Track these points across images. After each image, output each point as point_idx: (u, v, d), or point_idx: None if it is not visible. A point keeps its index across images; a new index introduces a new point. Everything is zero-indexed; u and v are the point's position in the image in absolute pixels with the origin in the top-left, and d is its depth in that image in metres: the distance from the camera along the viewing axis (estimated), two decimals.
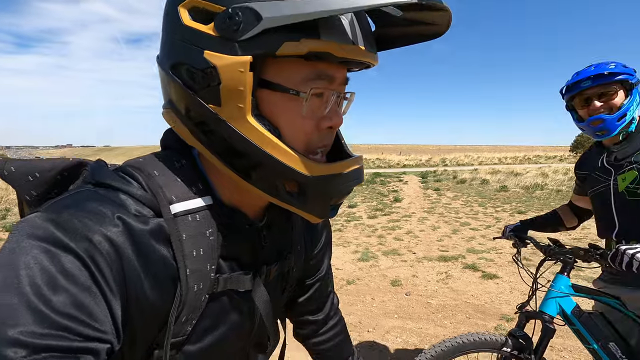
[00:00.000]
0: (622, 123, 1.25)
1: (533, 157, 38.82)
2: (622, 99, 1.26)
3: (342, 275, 4.02)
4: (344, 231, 6.17)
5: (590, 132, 1.31)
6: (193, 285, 0.43)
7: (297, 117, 0.42)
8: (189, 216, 0.43)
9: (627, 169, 1.27)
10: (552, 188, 10.28)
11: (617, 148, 1.32)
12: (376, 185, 12.20)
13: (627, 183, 1.26)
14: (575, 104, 1.33)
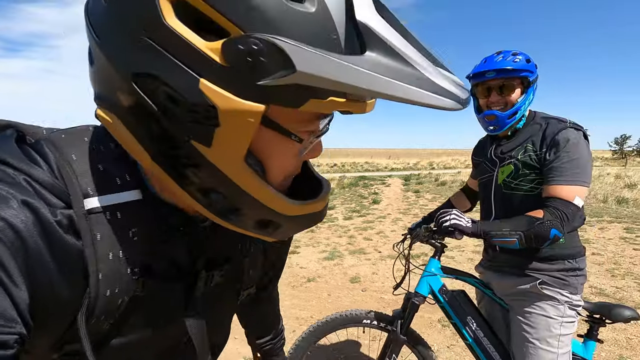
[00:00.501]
0: (513, 120, 1.30)
1: None
2: (519, 95, 1.29)
3: (304, 273, 4.12)
4: (316, 232, 6.27)
5: (484, 126, 1.37)
6: (105, 290, 0.38)
7: (290, 158, 0.40)
8: (107, 213, 0.38)
9: (506, 163, 1.33)
10: None
11: (504, 142, 1.39)
12: (358, 188, 12.35)
13: (504, 176, 1.34)
14: (478, 92, 1.36)
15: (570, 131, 1.22)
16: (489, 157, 1.43)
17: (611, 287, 3.55)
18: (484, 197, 1.46)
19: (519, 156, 1.29)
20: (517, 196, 1.30)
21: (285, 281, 3.86)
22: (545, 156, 1.22)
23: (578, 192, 1.17)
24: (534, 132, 1.29)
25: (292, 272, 4.14)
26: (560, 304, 1.25)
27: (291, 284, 3.82)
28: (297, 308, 3.22)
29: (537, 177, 1.26)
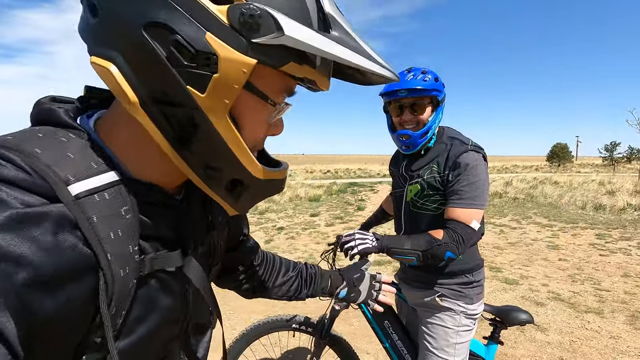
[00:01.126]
0: (425, 139, 1.32)
1: (511, 166, 39.86)
2: (429, 114, 1.31)
3: None
4: (297, 238, 6.36)
5: (398, 145, 1.40)
6: (119, 270, 0.39)
7: (262, 123, 0.45)
8: (96, 195, 0.38)
9: (414, 182, 1.37)
10: (511, 196, 10.70)
11: (414, 159, 1.41)
12: (346, 195, 12.47)
13: (412, 195, 1.38)
14: (391, 110, 1.37)
15: (470, 154, 1.26)
16: (401, 172, 1.45)
17: (568, 292, 3.68)
18: (396, 212, 1.50)
19: (425, 176, 1.33)
20: (423, 215, 1.35)
21: None
22: (447, 178, 1.27)
23: (475, 215, 1.25)
24: (440, 152, 1.33)
25: None
26: (457, 314, 1.34)
27: None
28: (264, 314, 3.31)
29: (441, 198, 1.30)
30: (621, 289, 3.73)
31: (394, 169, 1.55)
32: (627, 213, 7.88)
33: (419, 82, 1.28)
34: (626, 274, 4.19)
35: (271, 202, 10.68)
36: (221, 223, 0.61)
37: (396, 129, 1.37)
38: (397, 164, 1.53)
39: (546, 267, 4.53)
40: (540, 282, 3.95)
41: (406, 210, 1.41)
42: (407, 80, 1.30)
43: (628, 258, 4.82)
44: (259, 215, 8.89)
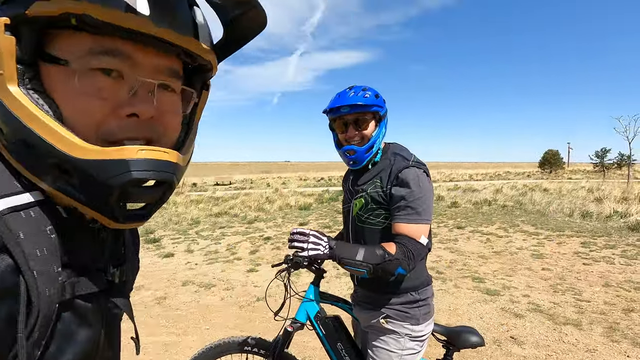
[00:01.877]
0: (370, 154, 1.34)
1: (503, 173, 40.16)
2: (373, 129, 1.34)
3: (256, 292, 4.15)
4: (283, 249, 6.30)
5: (345, 161, 1.40)
6: (44, 289, 0.37)
7: (73, 94, 0.37)
8: (22, 213, 0.37)
9: (359, 196, 1.37)
10: (500, 204, 10.74)
11: (359, 175, 1.42)
12: (337, 203, 12.44)
13: (357, 209, 1.38)
14: (336, 126, 1.40)
15: (412, 170, 1.27)
16: (348, 187, 1.47)
17: (549, 302, 3.66)
18: (344, 224, 1.51)
19: (369, 190, 1.34)
20: (368, 230, 1.35)
21: (233, 301, 3.89)
22: (390, 192, 1.29)
23: (423, 231, 1.24)
24: (384, 167, 1.34)
25: (245, 291, 4.17)
26: (401, 337, 1.31)
27: (239, 303, 3.84)
28: (239, 329, 3.24)
29: (385, 212, 1.31)
30: (601, 299, 3.72)
31: (344, 184, 1.55)
32: (613, 220, 7.92)
33: (359, 98, 1.32)
34: (607, 283, 4.18)
35: (261, 211, 10.62)
36: (132, 257, 0.57)
37: (342, 145, 1.40)
38: (346, 179, 1.54)
39: (529, 276, 4.52)
40: (522, 293, 3.93)
41: (352, 224, 1.42)
42: (349, 97, 1.33)
43: (611, 267, 4.83)
44: (248, 224, 8.83)
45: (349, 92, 1.36)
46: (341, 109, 1.32)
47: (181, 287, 4.34)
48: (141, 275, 4.83)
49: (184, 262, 5.56)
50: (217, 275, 4.84)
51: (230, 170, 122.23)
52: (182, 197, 13.86)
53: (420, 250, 1.23)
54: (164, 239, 7.25)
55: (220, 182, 29.53)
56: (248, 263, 5.40)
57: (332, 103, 1.37)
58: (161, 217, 9.65)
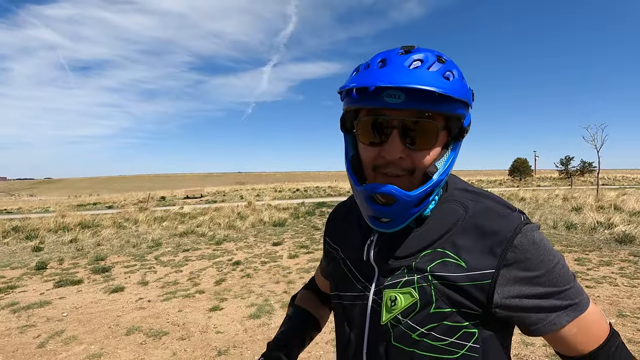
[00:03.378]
0: (420, 208, 0.62)
1: (476, 181, 40.98)
2: (438, 153, 0.62)
3: (218, 341, 3.37)
4: (253, 276, 5.53)
5: (366, 212, 0.65)
6: None
7: None
8: None
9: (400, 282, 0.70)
10: None
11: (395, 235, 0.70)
12: (314, 218, 11.76)
13: (397, 311, 0.62)
14: (360, 128, 0.64)
15: (529, 227, 0.61)
16: (364, 257, 0.70)
17: None
18: (344, 340, 0.72)
19: (431, 272, 0.61)
20: (419, 358, 0.62)
21: (188, 357, 3.10)
22: (495, 281, 0.59)
23: (599, 310, 0.62)
24: (455, 222, 0.64)
25: (204, 341, 3.38)
26: None
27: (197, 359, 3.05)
28: None
29: (469, 323, 0.60)
30: (622, 335, 3.22)
31: (339, 241, 0.80)
32: (599, 232, 7.70)
33: (436, 78, 0.57)
34: (621, 312, 3.72)
35: (231, 229, 9.77)
36: None
37: (365, 177, 0.66)
38: (347, 234, 0.78)
39: None
40: None
41: (374, 343, 0.66)
42: (410, 71, 0.57)
43: (616, 290, 4.41)
44: (216, 245, 7.97)
45: (408, 58, 0.59)
46: (385, 92, 0.57)
47: (124, 338, 3.48)
48: (77, 321, 3.93)
49: (135, 298, 4.67)
50: (172, 316, 4.01)
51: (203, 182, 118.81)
52: (145, 213, 12.71)
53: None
54: (115, 267, 6.28)
55: (191, 195, 28.14)
56: (212, 297, 4.60)
57: (367, 76, 0.59)
58: (118, 239, 8.62)
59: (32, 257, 7.08)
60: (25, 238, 8.71)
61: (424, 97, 0.56)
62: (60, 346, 3.35)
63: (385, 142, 0.59)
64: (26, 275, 5.84)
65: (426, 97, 0.56)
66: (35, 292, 5.03)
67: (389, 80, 0.55)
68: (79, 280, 5.47)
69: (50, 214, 14.42)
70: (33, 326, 3.82)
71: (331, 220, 0.86)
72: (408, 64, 0.57)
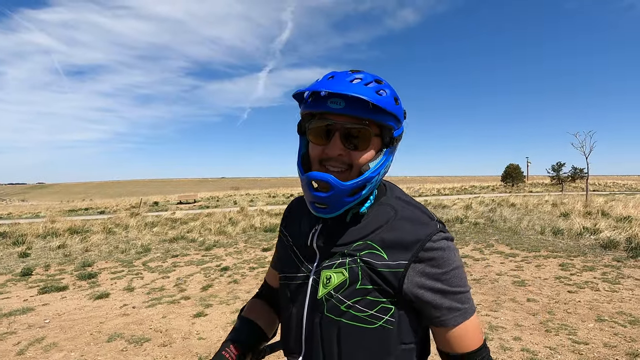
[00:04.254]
0: (355, 199, 0.73)
1: (469, 187, 41.26)
2: (372, 156, 0.73)
3: (200, 348, 3.36)
4: (241, 282, 5.52)
5: (308, 197, 0.76)
6: None
7: None
8: None
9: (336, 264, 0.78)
10: (472, 221, 10.51)
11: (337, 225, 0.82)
12: None
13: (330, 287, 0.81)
14: (312, 131, 0.75)
15: (441, 236, 0.74)
16: (308, 242, 0.81)
17: (544, 348, 3.16)
18: (287, 315, 0.83)
19: (361, 256, 0.73)
20: (349, 329, 0.71)
21: None
22: (405, 273, 0.72)
23: (479, 326, 0.76)
24: (385, 222, 0.76)
25: (185, 348, 3.37)
26: None
27: None
28: None
29: (385, 300, 0.71)
30: (599, 339, 3.28)
31: (288, 230, 0.91)
32: (585, 238, 7.80)
33: (368, 91, 0.69)
34: (600, 317, 3.78)
35: (222, 235, 9.74)
36: None
37: (309, 168, 0.77)
38: (293, 221, 0.92)
39: (515, 310, 4.05)
40: (512, 335, 3.42)
41: (311, 314, 0.76)
42: (349, 84, 0.69)
43: (597, 295, 4.47)
44: (205, 251, 7.94)
45: (351, 76, 0.72)
46: (330, 98, 0.70)
47: (105, 345, 3.46)
48: (59, 328, 3.90)
49: (120, 304, 4.65)
50: (155, 322, 3.99)
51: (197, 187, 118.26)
52: (137, 219, 12.62)
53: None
54: (102, 273, 6.24)
55: (184, 201, 28.00)
56: (197, 304, 4.59)
57: (317, 84, 0.72)
58: (107, 245, 8.56)
59: (18, 263, 7.00)
60: (12, 244, 8.60)
61: (359, 106, 0.69)
62: (40, 353, 3.32)
63: (328, 142, 0.72)
64: (10, 282, 5.77)
65: (361, 105, 0.69)
66: (18, 298, 4.98)
67: (333, 88, 0.68)
68: (64, 287, 5.43)
69: (41, 219, 14.28)
70: (14, 333, 3.78)
71: (288, 212, 0.96)
72: (350, 79, 0.71)
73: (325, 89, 0.67)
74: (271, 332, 0.97)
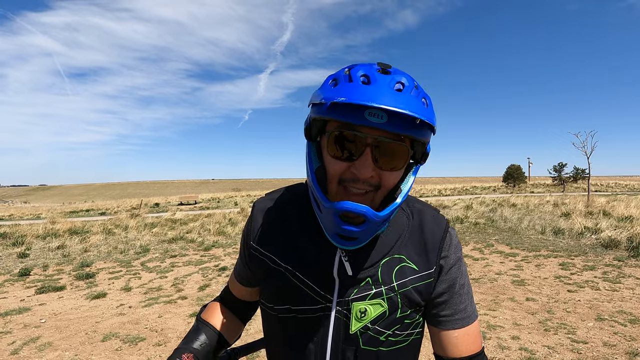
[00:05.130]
0: (385, 226, 0.66)
1: (470, 187, 41.16)
2: (400, 174, 0.63)
3: None
4: None
5: (332, 229, 0.61)
6: None
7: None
8: None
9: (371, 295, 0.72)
10: (472, 221, 10.46)
11: (357, 249, 0.74)
12: None
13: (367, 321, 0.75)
14: (332, 139, 0.60)
15: (452, 230, 0.74)
16: (325, 270, 0.68)
17: (542, 347, 3.12)
18: (297, 347, 0.72)
19: (397, 281, 0.67)
20: (389, 354, 0.69)
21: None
22: (436, 280, 0.70)
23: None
24: (404, 230, 0.71)
25: None
26: None
27: None
28: None
29: (417, 317, 0.71)
30: (599, 338, 3.24)
31: (277, 252, 0.73)
32: (586, 237, 7.75)
33: (419, 105, 0.56)
34: (600, 316, 3.74)
35: (221, 235, 9.73)
36: None
37: (326, 189, 0.63)
38: (290, 243, 0.72)
39: (514, 309, 4.01)
40: (510, 334, 3.38)
41: (339, 347, 0.68)
42: (396, 93, 0.55)
43: (597, 294, 4.43)
44: (204, 251, 7.93)
45: (391, 79, 0.58)
46: (368, 111, 0.55)
47: (100, 344, 3.44)
48: (54, 328, 3.88)
49: (116, 304, 4.63)
50: (151, 322, 3.97)
51: (199, 189, 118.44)
52: (137, 220, 12.62)
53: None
54: (100, 273, 6.22)
55: (185, 202, 28.02)
56: (194, 304, 4.56)
57: (349, 90, 0.56)
58: (106, 245, 8.55)
59: (16, 263, 7.00)
60: (12, 244, 8.61)
61: (404, 121, 0.55)
62: (34, 353, 3.30)
63: (356, 159, 0.58)
64: (8, 282, 5.77)
65: (406, 121, 0.55)
66: (15, 298, 4.97)
67: (378, 100, 0.52)
68: (61, 287, 5.42)
69: (41, 220, 14.30)
70: (9, 333, 3.77)
71: (258, 225, 0.76)
72: (392, 85, 0.56)
73: (371, 103, 0.52)
74: (233, 339, 0.87)
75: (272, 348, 0.77)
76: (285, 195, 0.78)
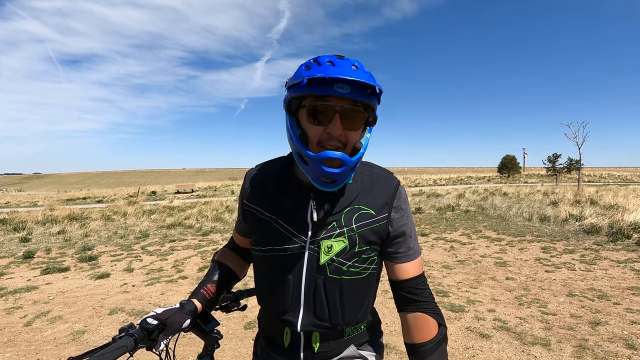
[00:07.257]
0: (354, 172, 0.88)
1: (465, 177, 41.57)
2: (360, 133, 0.85)
3: None
4: None
5: (317, 173, 0.81)
6: None
7: None
8: None
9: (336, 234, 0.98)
10: (463, 209, 10.77)
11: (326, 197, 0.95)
12: None
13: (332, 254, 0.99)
14: (307, 112, 0.81)
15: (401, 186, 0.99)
16: (300, 215, 0.89)
17: (515, 318, 3.41)
18: (279, 280, 0.91)
19: (356, 222, 0.89)
20: (347, 283, 0.90)
21: None
22: (389, 223, 0.93)
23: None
24: (361, 184, 0.94)
25: None
26: None
27: None
28: None
29: (374, 253, 0.93)
30: (567, 311, 3.54)
31: (262, 204, 0.94)
32: (570, 224, 8.07)
33: (372, 78, 0.80)
34: (571, 292, 4.04)
35: (218, 222, 9.97)
36: None
37: (314, 147, 0.82)
38: (267, 196, 0.94)
39: (493, 287, 4.30)
40: (487, 308, 3.67)
41: (311, 277, 0.88)
42: (351, 70, 0.78)
43: (572, 274, 4.74)
44: (202, 236, 8.17)
45: (349, 62, 0.81)
46: (337, 83, 0.76)
47: (107, 317, 3.70)
48: (62, 303, 4.13)
49: (120, 283, 4.88)
50: (154, 299, 4.22)
51: (195, 178, 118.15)
52: (135, 207, 12.82)
53: None
54: (102, 256, 6.46)
55: (182, 190, 28.17)
56: (194, 282, 4.82)
57: (320, 70, 0.78)
58: (105, 231, 8.76)
59: (19, 247, 7.21)
60: (13, 230, 8.79)
61: (362, 91, 0.78)
62: (46, 324, 3.55)
63: (329, 123, 0.80)
64: (13, 264, 5.99)
65: (362, 90, 0.78)
66: (22, 278, 5.20)
67: (344, 74, 0.74)
68: (65, 268, 5.65)
69: (39, 208, 14.44)
70: (20, 308, 4.01)
71: (248, 188, 0.98)
72: (349, 66, 0.79)
73: (338, 76, 0.74)
74: (242, 274, 1.14)
75: (261, 286, 0.99)
76: (266, 165, 1.02)
